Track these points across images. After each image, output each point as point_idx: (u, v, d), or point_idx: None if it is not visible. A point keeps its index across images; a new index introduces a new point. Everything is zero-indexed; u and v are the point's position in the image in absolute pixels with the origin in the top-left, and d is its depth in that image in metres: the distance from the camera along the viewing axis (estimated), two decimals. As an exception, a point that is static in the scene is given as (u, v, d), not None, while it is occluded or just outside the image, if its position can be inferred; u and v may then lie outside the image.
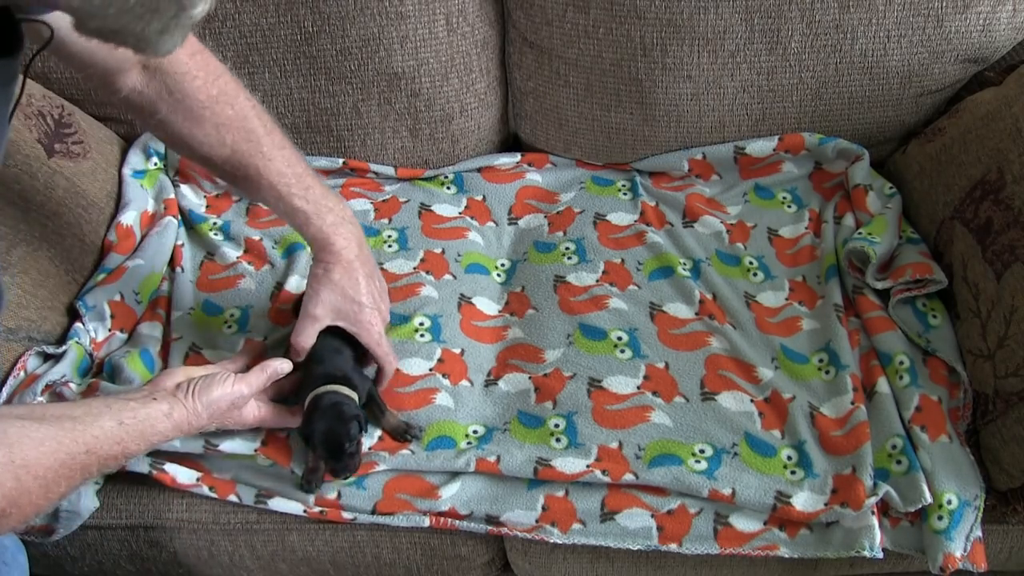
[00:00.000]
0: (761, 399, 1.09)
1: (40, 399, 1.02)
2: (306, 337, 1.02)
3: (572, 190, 1.37)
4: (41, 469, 0.75)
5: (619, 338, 1.15)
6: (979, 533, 0.97)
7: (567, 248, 1.27)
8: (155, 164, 1.35)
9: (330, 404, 0.97)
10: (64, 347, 1.09)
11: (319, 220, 1.01)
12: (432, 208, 1.34)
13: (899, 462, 1.00)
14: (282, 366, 1.00)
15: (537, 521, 1.00)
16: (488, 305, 1.22)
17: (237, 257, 1.27)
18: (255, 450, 1.03)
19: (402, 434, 1.05)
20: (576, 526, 1.00)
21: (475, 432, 1.07)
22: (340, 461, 0.97)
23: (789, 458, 1.03)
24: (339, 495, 1.03)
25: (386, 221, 1.32)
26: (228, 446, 1.03)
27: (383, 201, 1.36)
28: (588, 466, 1.01)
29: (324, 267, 1.02)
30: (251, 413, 0.99)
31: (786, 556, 0.98)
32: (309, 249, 1.06)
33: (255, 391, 0.98)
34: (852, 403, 1.06)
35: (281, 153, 1.02)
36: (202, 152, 1.00)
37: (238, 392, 0.96)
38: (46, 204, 1.14)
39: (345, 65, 1.29)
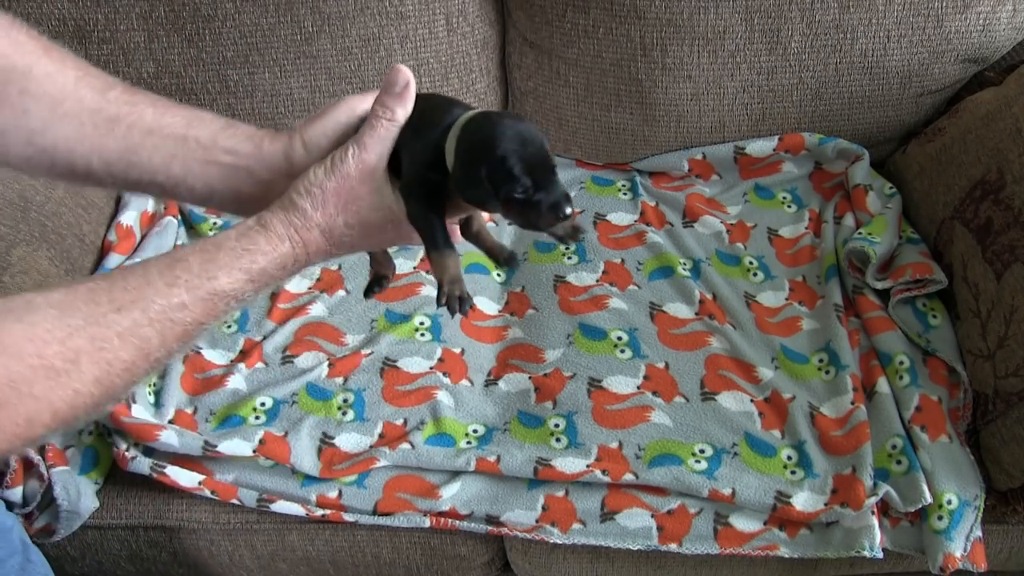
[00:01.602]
0: (761, 399, 1.09)
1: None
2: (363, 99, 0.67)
3: (572, 190, 1.37)
4: (32, 347, 0.55)
5: (619, 338, 1.15)
6: (979, 533, 0.97)
7: (567, 248, 1.27)
8: (155, 164, 1.34)
9: (502, 117, 0.63)
10: (64, 347, 1.09)
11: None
12: (432, 208, 1.34)
13: (899, 462, 1.00)
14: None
15: (537, 521, 1.00)
16: (488, 305, 1.22)
17: (237, 257, 1.26)
18: (254, 451, 1.03)
19: (504, 258, 0.77)
20: (576, 526, 1.00)
21: (475, 432, 1.07)
22: (554, 181, 0.62)
23: (789, 458, 1.03)
24: (340, 495, 1.03)
25: (386, 221, 1.32)
26: (227, 447, 1.02)
27: (383, 201, 1.36)
28: (588, 466, 1.01)
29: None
30: None
31: (786, 556, 0.98)
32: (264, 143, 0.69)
33: (388, 146, 0.64)
34: (852, 403, 1.06)
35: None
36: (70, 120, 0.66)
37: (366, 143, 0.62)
38: (46, 204, 1.14)
39: (345, 65, 1.28)
